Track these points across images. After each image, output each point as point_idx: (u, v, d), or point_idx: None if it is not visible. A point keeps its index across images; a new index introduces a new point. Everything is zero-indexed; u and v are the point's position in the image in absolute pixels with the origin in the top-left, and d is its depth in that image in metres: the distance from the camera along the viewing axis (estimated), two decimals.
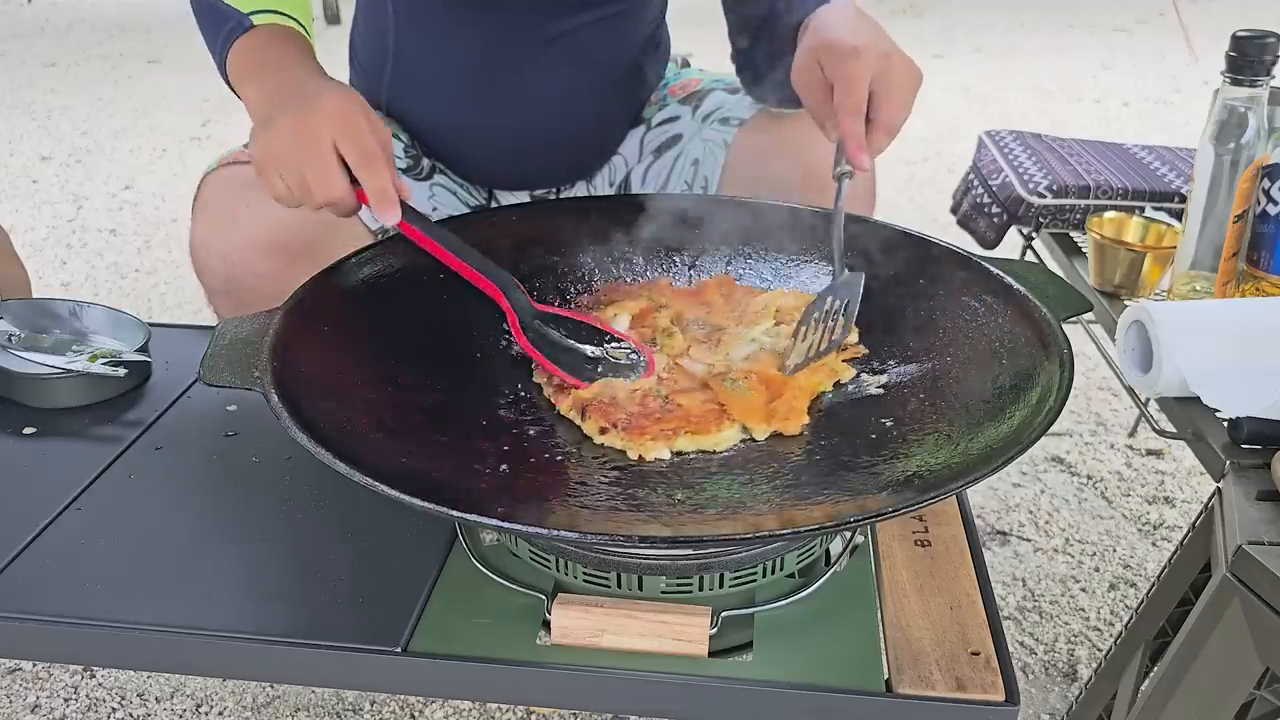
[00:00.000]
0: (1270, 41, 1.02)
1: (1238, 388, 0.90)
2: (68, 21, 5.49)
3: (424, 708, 1.26)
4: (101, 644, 0.74)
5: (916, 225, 0.98)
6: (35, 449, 0.94)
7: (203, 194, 1.12)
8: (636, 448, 0.78)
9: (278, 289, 1.08)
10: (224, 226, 1.08)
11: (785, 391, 0.82)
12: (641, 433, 0.79)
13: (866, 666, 0.69)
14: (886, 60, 0.90)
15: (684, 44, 1.40)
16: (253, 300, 1.08)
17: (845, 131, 0.89)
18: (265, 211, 1.07)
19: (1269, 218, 1.00)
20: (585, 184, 1.32)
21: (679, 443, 0.79)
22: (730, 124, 1.22)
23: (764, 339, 0.89)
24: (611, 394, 0.83)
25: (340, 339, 0.84)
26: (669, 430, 0.79)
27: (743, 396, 0.82)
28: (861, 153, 0.89)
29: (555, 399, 0.85)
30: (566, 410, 0.84)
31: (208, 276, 1.11)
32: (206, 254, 1.09)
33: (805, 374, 0.84)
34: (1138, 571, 1.49)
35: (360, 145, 0.85)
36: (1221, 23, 1.53)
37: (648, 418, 0.80)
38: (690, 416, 0.80)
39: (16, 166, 3.31)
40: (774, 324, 0.91)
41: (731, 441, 0.80)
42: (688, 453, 0.79)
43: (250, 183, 1.10)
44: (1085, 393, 1.97)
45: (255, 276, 1.08)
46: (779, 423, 0.80)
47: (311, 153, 0.84)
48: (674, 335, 0.90)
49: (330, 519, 0.83)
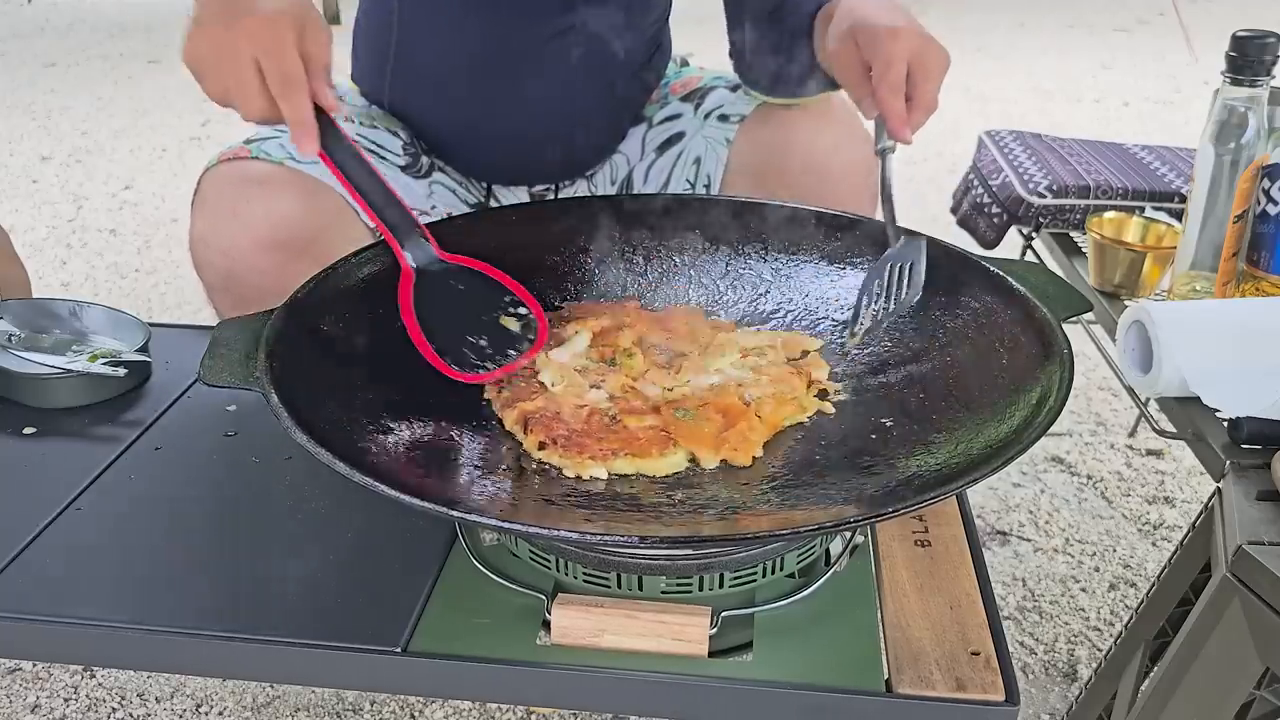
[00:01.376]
0: (1270, 41, 1.02)
1: (1238, 388, 0.90)
2: (68, 21, 5.49)
3: (424, 708, 1.26)
4: (101, 644, 0.74)
5: (917, 225, 0.98)
6: (35, 449, 0.94)
7: (202, 189, 1.12)
8: (574, 466, 0.77)
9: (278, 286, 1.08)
10: (224, 222, 1.08)
11: (740, 422, 0.80)
12: (581, 451, 0.77)
13: (866, 666, 0.69)
14: (924, 43, 0.93)
15: (684, 43, 1.40)
16: (253, 296, 1.08)
17: (887, 108, 0.92)
18: (266, 208, 1.07)
19: (1269, 218, 1.00)
20: (586, 182, 1.32)
21: (617, 464, 0.77)
22: (731, 121, 1.22)
23: (730, 370, 0.87)
24: (556, 409, 0.81)
25: (340, 339, 0.84)
26: (608, 450, 0.78)
27: (690, 425, 0.80)
28: (905, 127, 0.92)
29: (501, 411, 0.83)
30: (510, 424, 0.82)
31: (207, 272, 1.11)
32: (206, 250, 1.09)
33: (770, 406, 0.82)
34: (1138, 571, 1.49)
35: (280, 68, 0.81)
36: (1221, 23, 1.53)
37: (589, 436, 0.79)
38: (633, 439, 0.79)
39: (16, 166, 3.31)
40: (740, 356, 0.89)
41: (676, 468, 0.78)
42: (627, 475, 0.77)
43: (252, 178, 1.10)
44: (1085, 393, 1.97)
45: (255, 273, 1.07)
46: (728, 452, 0.78)
47: (231, 68, 0.82)
48: (634, 356, 0.88)
49: (330, 519, 0.83)
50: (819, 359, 0.90)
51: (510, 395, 0.84)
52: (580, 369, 0.87)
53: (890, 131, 0.93)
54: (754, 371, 0.87)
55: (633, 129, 1.30)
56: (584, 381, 0.85)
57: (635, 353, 0.89)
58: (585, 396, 0.84)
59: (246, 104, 0.83)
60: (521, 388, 0.84)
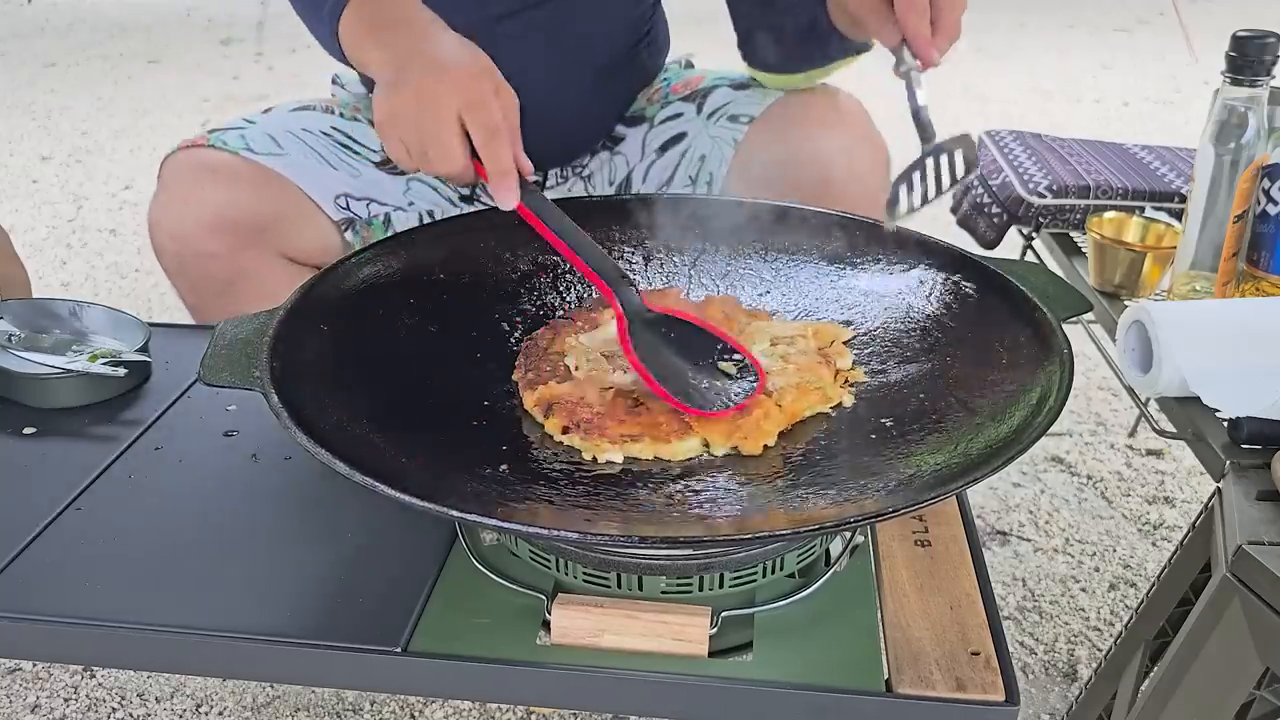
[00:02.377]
0: (1270, 41, 1.02)
1: (1238, 388, 0.90)
2: (68, 21, 5.48)
3: (424, 708, 1.26)
4: (101, 644, 0.74)
5: (916, 225, 0.97)
6: (35, 449, 0.94)
7: (162, 176, 1.15)
8: (591, 449, 0.78)
9: (227, 271, 1.09)
10: (176, 207, 1.10)
11: (756, 410, 0.80)
12: (601, 434, 0.78)
13: (866, 666, 0.69)
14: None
15: (684, 44, 1.39)
16: (204, 282, 1.10)
17: (911, 30, 0.91)
18: (216, 193, 1.09)
19: (1269, 218, 1.00)
20: (584, 183, 1.32)
21: (634, 448, 0.78)
22: (740, 121, 1.22)
23: (759, 358, 0.87)
24: (580, 393, 0.82)
25: (340, 339, 0.84)
26: (627, 436, 0.78)
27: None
28: (930, 48, 0.91)
29: (523, 391, 0.84)
30: (530, 406, 0.83)
31: (164, 258, 1.13)
32: (160, 234, 1.11)
33: (790, 395, 0.82)
34: (1138, 571, 1.49)
35: (486, 121, 0.83)
36: (1221, 23, 1.53)
37: (611, 418, 0.80)
38: (654, 423, 0.79)
39: (16, 166, 3.30)
40: (770, 345, 0.89)
41: (691, 453, 0.79)
42: (642, 459, 0.78)
43: (205, 165, 1.12)
44: (1085, 393, 1.97)
45: (204, 256, 1.09)
46: (738, 440, 0.79)
47: (435, 122, 0.83)
48: None
49: (330, 519, 0.83)
50: (842, 347, 0.89)
51: (534, 377, 0.85)
52: (609, 354, 0.87)
53: (916, 51, 0.91)
54: (782, 360, 0.87)
55: (633, 130, 1.30)
56: (609, 365, 0.86)
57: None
58: (609, 379, 0.84)
59: (446, 158, 0.84)
60: (546, 371, 0.85)
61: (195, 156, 1.13)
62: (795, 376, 0.84)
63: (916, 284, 0.93)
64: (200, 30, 5.23)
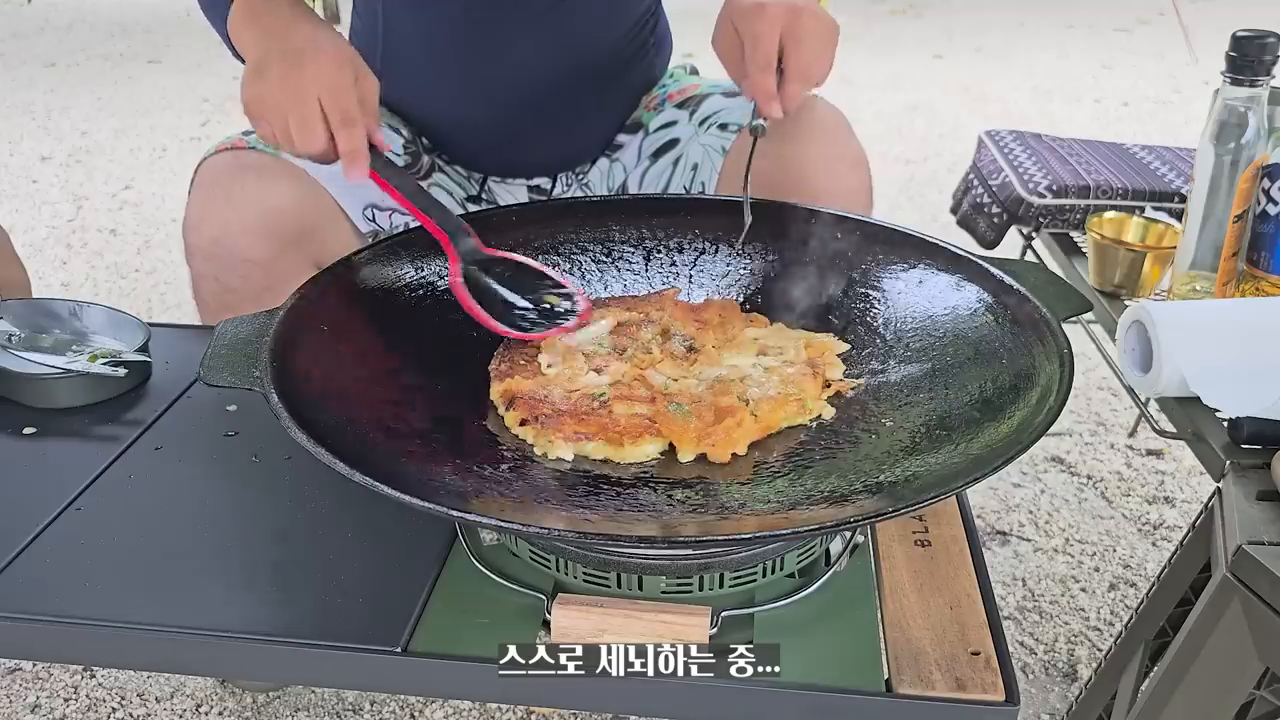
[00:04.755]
0: (1270, 41, 1.02)
1: (1238, 388, 0.90)
2: (68, 21, 5.48)
3: (424, 708, 1.26)
4: (101, 644, 0.74)
5: (916, 225, 0.98)
6: (35, 449, 0.94)
7: (199, 177, 1.14)
8: (543, 444, 0.79)
9: (265, 277, 1.09)
10: (218, 207, 1.09)
11: (728, 419, 0.80)
12: (556, 430, 0.79)
13: (866, 666, 0.69)
14: (794, 14, 0.94)
15: (684, 44, 1.39)
16: (239, 285, 1.09)
17: (753, 84, 0.94)
18: (260, 194, 1.09)
19: (1269, 218, 1.00)
20: (581, 189, 1.32)
21: (586, 448, 0.78)
22: (729, 130, 1.22)
23: (744, 366, 0.87)
24: (546, 390, 0.83)
25: (340, 339, 0.84)
26: (580, 434, 0.79)
27: (678, 418, 0.80)
28: (771, 102, 0.94)
29: (493, 384, 0.85)
30: (495, 397, 0.84)
31: (197, 259, 1.11)
32: (198, 235, 1.10)
33: (766, 406, 0.82)
34: (1138, 571, 1.49)
35: (341, 105, 0.89)
36: (1221, 23, 1.52)
37: (571, 416, 0.80)
38: (613, 425, 0.79)
39: (16, 166, 3.30)
40: (757, 354, 0.89)
41: (644, 457, 0.79)
42: (594, 459, 0.78)
43: (248, 166, 1.11)
44: (1085, 393, 1.97)
45: (244, 260, 1.08)
46: (706, 447, 0.78)
47: (296, 106, 0.89)
48: (650, 352, 0.88)
49: (330, 519, 0.83)
50: (834, 358, 0.89)
51: (508, 369, 0.86)
52: (589, 354, 0.87)
53: (758, 109, 0.94)
54: (766, 370, 0.87)
55: (630, 137, 1.30)
56: (584, 365, 0.86)
57: (651, 349, 0.89)
58: (579, 381, 0.84)
59: (307, 139, 0.89)
60: (522, 365, 0.86)
61: (236, 158, 1.13)
62: (775, 388, 0.84)
63: (917, 284, 0.92)
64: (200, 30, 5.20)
